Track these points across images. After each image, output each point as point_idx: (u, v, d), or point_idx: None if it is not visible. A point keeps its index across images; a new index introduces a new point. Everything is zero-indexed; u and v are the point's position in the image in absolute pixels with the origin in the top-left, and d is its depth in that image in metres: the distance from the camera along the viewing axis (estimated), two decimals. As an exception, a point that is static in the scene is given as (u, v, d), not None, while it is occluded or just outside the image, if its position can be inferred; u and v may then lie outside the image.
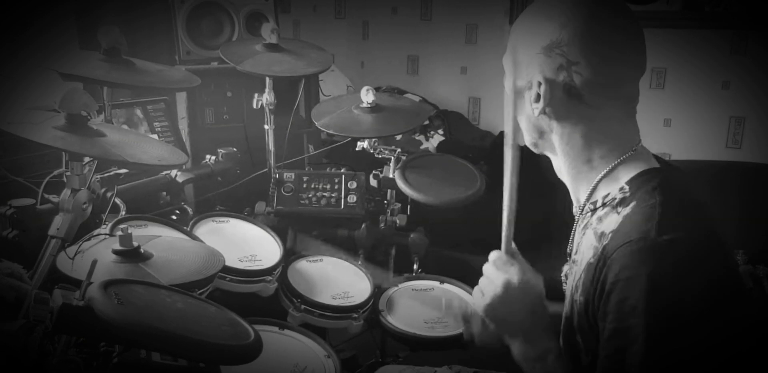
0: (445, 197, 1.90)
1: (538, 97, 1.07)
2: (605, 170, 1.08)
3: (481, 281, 1.16)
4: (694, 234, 0.98)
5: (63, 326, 0.98)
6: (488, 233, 1.42)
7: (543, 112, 1.08)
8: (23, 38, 2.23)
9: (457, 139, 3.18)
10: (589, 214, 1.11)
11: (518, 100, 1.13)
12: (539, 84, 1.06)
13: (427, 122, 3.18)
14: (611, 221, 1.04)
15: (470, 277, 1.78)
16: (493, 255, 1.17)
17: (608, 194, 1.08)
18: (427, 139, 3.15)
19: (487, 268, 1.17)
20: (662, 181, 1.03)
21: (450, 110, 3.34)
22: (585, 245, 1.09)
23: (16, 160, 1.75)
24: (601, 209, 1.08)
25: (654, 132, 2.90)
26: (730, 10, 2.72)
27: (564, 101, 1.06)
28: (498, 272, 1.14)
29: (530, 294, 1.12)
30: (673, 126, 2.93)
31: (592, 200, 1.10)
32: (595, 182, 1.10)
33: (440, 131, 3.17)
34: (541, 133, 1.13)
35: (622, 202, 1.04)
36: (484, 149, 3.06)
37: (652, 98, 2.92)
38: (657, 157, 1.13)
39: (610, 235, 1.02)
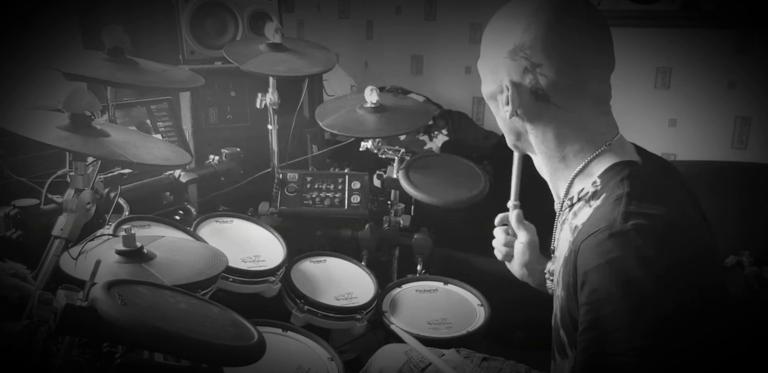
0: (449, 198, 1.89)
1: (507, 101, 1.11)
2: (579, 166, 1.11)
3: (494, 242, 1.42)
4: (659, 220, 0.97)
5: (66, 327, 0.98)
6: (492, 233, 1.42)
7: (515, 114, 1.12)
8: (24, 37, 2.23)
9: (461, 140, 3.17)
10: (567, 209, 1.13)
11: (492, 103, 1.17)
12: (507, 87, 1.09)
13: (431, 122, 3.17)
14: (584, 214, 1.06)
15: (474, 277, 1.79)
16: (499, 218, 1.40)
17: (582, 189, 1.10)
18: (431, 140, 3.14)
19: (497, 231, 1.42)
20: (631, 173, 1.05)
21: (454, 110, 3.33)
22: (563, 240, 1.11)
23: (19, 160, 1.75)
24: (576, 204, 1.10)
25: (659, 132, 2.89)
26: (734, 10, 2.71)
27: (532, 103, 1.09)
28: (502, 233, 1.40)
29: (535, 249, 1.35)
30: (679, 126, 2.91)
31: (569, 196, 1.13)
32: (570, 178, 1.12)
33: (444, 131, 3.16)
34: (518, 135, 1.17)
35: (594, 195, 1.07)
36: (488, 149, 3.05)
37: (657, 98, 2.90)
38: (638, 148, 1.15)
39: (581, 227, 1.04)
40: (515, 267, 1.40)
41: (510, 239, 1.39)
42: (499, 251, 1.43)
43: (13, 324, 1.10)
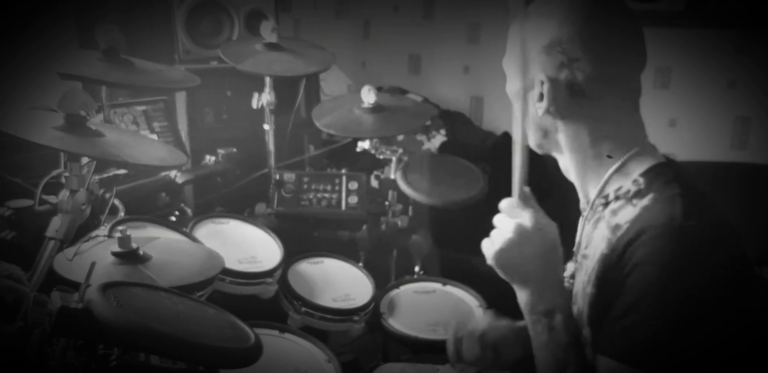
0: (447, 198, 1.89)
1: (541, 97, 1.09)
2: (617, 165, 1.09)
3: (492, 232, 1.09)
4: (716, 222, 1.00)
5: (61, 329, 0.97)
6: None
7: (547, 111, 1.09)
8: (23, 38, 2.22)
9: (459, 140, 3.17)
10: (601, 207, 1.11)
11: (522, 101, 1.13)
12: (542, 83, 1.08)
13: (428, 122, 3.16)
14: (627, 213, 1.05)
15: (473, 278, 1.78)
16: (504, 202, 1.09)
17: (620, 187, 1.08)
18: (428, 140, 3.13)
19: (498, 217, 1.08)
20: (677, 175, 1.06)
21: (452, 110, 3.32)
22: (597, 238, 1.09)
23: (13, 160, 1.74)
24: (614, 202, 1.09)
25: (659, 132, 2.84)
26: (735, 10, 2.71)
27: (567, 99, 1.07)
28: (509, 217, 1.06)
29: (544, 239, 1.04)
30: (678, 126, 2.91)
31: (604, 194, 1.11)
32: (606, 177, 1.10)
33: (442, 132, 3.16)
34: (545, 133, 1.14)
35: (638, 194, 1.05)
36: (487, 150, 3.05)
37: (656, 98, 2.90)
38: (662, 154, 1.15)
39: (626, 225, 1.03)
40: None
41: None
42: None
43: (7, 326, 1.09)
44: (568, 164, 1.15)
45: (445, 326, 1.68)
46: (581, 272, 1.13)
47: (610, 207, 1.09)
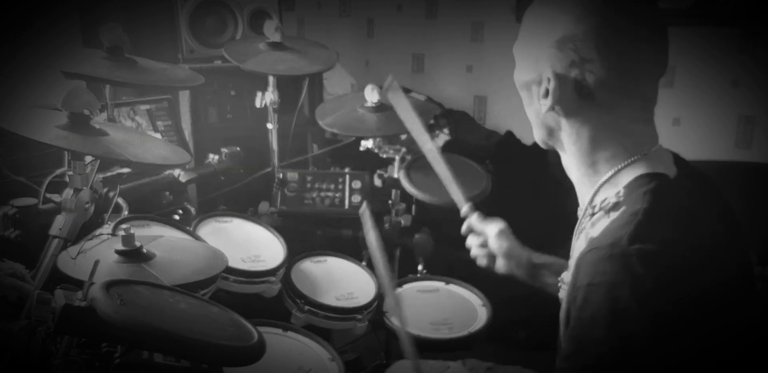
0: (450, 197, 1.88)
1: (546, 93, 1.03)
2: (608, 175, 1.04)
3: (473, 251, 1.36)
4: (668, 248, 0.91)
5: (65, 327, 0.98)
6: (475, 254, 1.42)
7: (552, 109, 1.04)
8: (25, 37, 2.22)
9: (462, 139, 3.17)
10: (588, 218, 1.07)
11: (525, 93, 1.09)
12: (548, 80, 1.02)
13: (432, 121, 3.16)
14: (601, 226, 1.01)
15: (476, 277, 1.78)
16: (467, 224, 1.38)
17: (606, 199, 1.03)
18: (432, 139, 3.13)
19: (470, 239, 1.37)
20: (655, 187, 0.98)
21: (455, 109, 3.32)
22: (577, 249, 1.06)
23: (17, 159, 1.74)
24: (597, 214, 1.04)
25: (663, 131, 2.85)
26: (739, 9, 2.70)
27: (574, 99, 1.01)
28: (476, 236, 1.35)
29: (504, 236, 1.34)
30: (682, 125, 2.91)
31: (593, 204, 1.06)
32: (597, 186, 1.05)
33: (445, 130, 3.16)
34: (549, 131, 1.09)
35: (615, 206, 1.00)
36: (490, 149, 3.05)
37: (660, 97, 2.87)
38: (677, 159, 1.09)
39: (594, 239, 0.99)
40: (500, 263, 1.37)
41: (483, 239, 1.39)
42: (480, 257, 1.41)
43: (11, 324, 1.10)
44: (569, 165, 1.11)
45: (449, 326, 1.69)
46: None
47: (592, 219, 1.04)
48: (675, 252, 0.91)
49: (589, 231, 1.04)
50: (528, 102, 1.09)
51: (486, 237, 1.39)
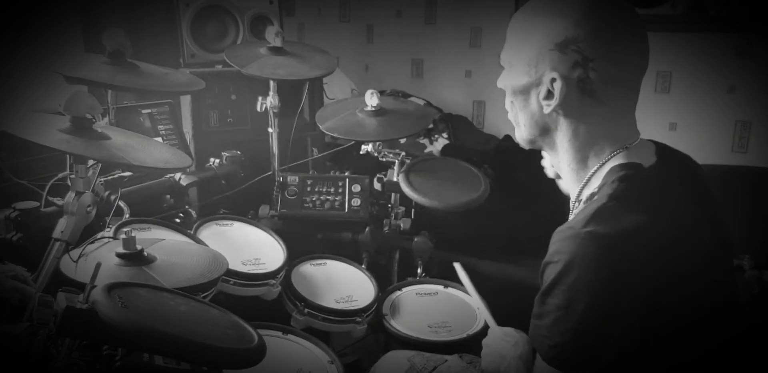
0: (449, 201, 1.89)
1: (548, 94, 1.08)
2: (594, 168, 1.10)
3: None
4: (626, 231, 0.98)
5: (66, 329, 0.98)
6: (492, 236, 1.42)
7: (555, 109, 1.09)
8: (24, 38, 2.23)
9: (461, 143, 3.17)
10: (577, 211, 1.12)
11: (520, 97, 1.12)
12: (552, 81, 1.07)
13: (431, 126, 3.17)
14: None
15: (474, 280, 1.78)
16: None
17: (591, 191, 1.10)
18: (431, 143, 3.14)
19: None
20: (626, 174, 1.05)
21: (454, 114, 3.33)
22: None
23: (20, 162, 1.75)
24: (580, 206, 1.11)
25: (659, 136, 2.84)
26: (736, 14, 2.71)
27: (577, 97, 1.07)
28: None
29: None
30: (679, 130, 2.92)
31: (579, 198, 1.13)
32: (585, 181, 1.12)
33: (444, 135, 3.16)
34: (544, 130, 1.14)
35: (591, 197, 1.07)
36: (489, 153, 3.05)
37: (657, 102, 2.90)
38: (660, 148, 1.15)
39: None
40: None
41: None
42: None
43: (13, 327, 1.10)
44: (560, 163, 1.15)
45: (447, 328, 1.69)
46: None
47: (575, 211, 1.11)
48: (633, 237, 0.98)
49: None
50: (522, 105, 1.14)
51: None
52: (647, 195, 1.04)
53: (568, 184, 1.16)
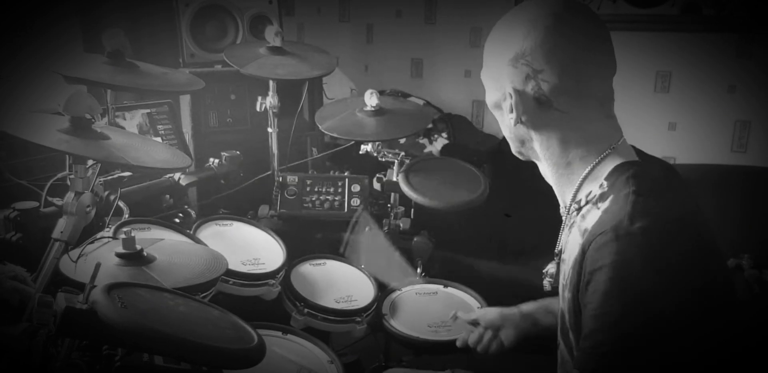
0: (448, 201, 1.89)
1: (511, 108, 1.12)
2: (586, 171, 1.11)
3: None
4: (665, 218, 0.99)
5: (66, 330, 0.98)
6: (492, 236, 1.42)
7: (519, 121, 1.13)
8: (24, 38, 2.23)
9: (460, 143, 3.18)
10: (575, 213, 1.14)
11: (497, 112, 1.18)
12: (510, 95, 1.11)
13: (430, 126, 3.17)
14: (592, 217, 1.07)
15: (474, 280, 1.79)
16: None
17: (590, 192, 1.11)
18: (430, 143, 3.14)
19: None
20: (636, 172, 1.07)
21: (454, 114, 3.33)
22: (572, 243, 1.12)
23: (19, 162, 1.75)
24: (585, 207, 1.11)
25: (659, 136, 2.89)
26: (735, 14, 2.71)
27: (536, 109, 1.10)
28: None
29: None
30: (678, 130, 2.92)
31: (577, 199, 1.14)
32: (578, 183, 1.13)
33: (444, 135, 3.17)
34: (522, 142, 1.18)
35: (602, 197, 1.07)
36: (488, 153, 3.06)
37: (657, 102, 2.91)
38: (638, 152, 1.16)
39: (591, 229, 1.05)
40: (504, 334, 1.49)
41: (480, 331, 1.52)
42: (484, 344, 1.51)
43: (12, 327, 1.10)
44: (545, 171, 1.19)
45: (447, 328, 1.69)
46: (561, 276, 1.17)
47: (582, 212, 1.11)
48: (673, 219, 1.00)
49: (581, 224, 1.10)
50: (500, 119, 1.19)
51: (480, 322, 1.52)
52: (668, 189, 1.07)
53: (559, 190, 1.19)
